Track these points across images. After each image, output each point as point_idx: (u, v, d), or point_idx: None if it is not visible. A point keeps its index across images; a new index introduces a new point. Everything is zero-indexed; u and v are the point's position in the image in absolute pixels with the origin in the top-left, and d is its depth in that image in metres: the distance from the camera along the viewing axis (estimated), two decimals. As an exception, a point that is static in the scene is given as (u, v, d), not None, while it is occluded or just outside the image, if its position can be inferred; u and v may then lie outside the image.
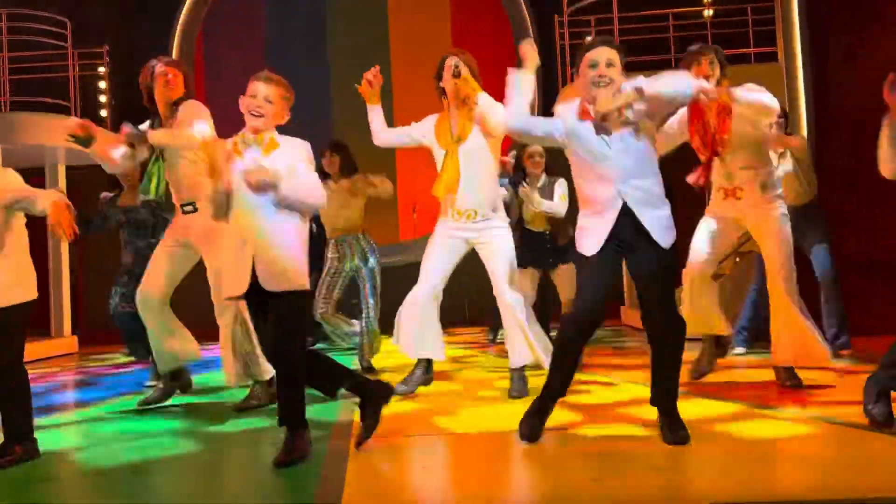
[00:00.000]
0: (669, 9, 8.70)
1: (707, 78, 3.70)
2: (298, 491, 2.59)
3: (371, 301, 5.23)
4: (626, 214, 2.87)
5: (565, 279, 4.73)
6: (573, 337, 2.97)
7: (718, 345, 4.08)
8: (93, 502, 2.56)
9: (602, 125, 2.86)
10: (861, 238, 6.43)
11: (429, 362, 4.16)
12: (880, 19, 5.97)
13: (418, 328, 4.05)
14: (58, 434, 3.69)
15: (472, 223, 3.98)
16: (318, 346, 6.61)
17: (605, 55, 2.88)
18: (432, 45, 9.22)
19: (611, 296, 3.01)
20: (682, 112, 3.82)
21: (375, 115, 4.15)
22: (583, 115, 2.92)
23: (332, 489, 2.47)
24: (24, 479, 2.84)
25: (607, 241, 2.87)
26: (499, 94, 3.19)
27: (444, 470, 2.81)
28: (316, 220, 6.15)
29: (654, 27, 8.81)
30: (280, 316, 2.87)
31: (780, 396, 3.70)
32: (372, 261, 5.25)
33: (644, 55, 7.57)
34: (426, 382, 4.15)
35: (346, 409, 3.97)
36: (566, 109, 2.99)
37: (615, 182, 2.86)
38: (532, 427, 2.93)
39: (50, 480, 2.83)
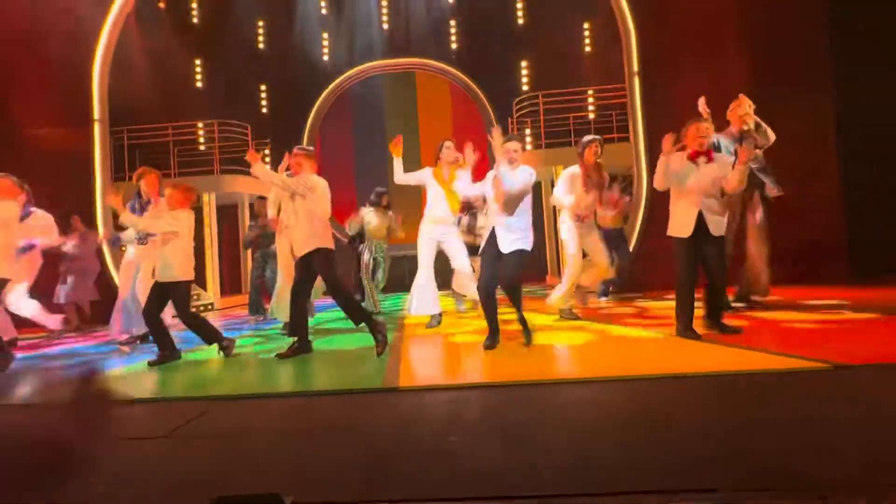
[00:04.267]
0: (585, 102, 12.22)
1: (595, 155, 5.88)
2: (373, 377, 3.55)
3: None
4: (495, 236, 4.70)
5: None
6: (483, 298, 4.77)
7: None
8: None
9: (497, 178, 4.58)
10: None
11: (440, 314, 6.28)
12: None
13: (420, 295, 6.21)
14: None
15: (441, 227, 6.26)
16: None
17: (518, 145, 4.68)
18: (439, 131, 14.99)
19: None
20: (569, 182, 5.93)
21: (397, 165, 6.10)
22: (495, 182, 4.68)
23: (392, 375, 3.46)
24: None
25: (486, 247, 4.74)
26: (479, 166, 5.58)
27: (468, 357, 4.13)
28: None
29: (575, 117, 12.74)
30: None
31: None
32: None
33: (568, 137, 11.82)
34: (437, 322, 6.33)
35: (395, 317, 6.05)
36: (489, 179, 4.80)
37: (496, 218, 4.73)
38: (491, 343, 4.68)
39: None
